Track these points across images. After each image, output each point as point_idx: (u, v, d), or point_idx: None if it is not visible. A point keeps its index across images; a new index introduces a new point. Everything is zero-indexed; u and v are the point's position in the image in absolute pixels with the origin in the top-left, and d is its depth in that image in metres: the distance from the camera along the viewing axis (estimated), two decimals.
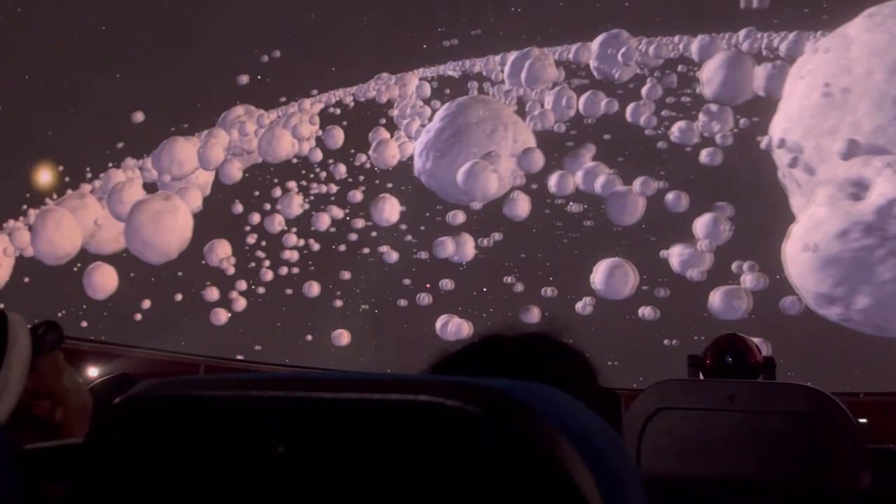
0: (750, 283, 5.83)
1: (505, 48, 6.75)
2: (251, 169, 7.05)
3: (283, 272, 6.85)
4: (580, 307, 6.06)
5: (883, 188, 5.26)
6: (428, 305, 6.50)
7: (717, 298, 5.83)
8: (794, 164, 5.75)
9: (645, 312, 5.98)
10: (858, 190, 5.35)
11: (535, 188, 6.39)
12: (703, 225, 5.92)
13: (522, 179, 6.39)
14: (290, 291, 6.77)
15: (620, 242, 6.16)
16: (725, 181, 6.02)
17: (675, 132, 6.18)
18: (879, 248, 5.24)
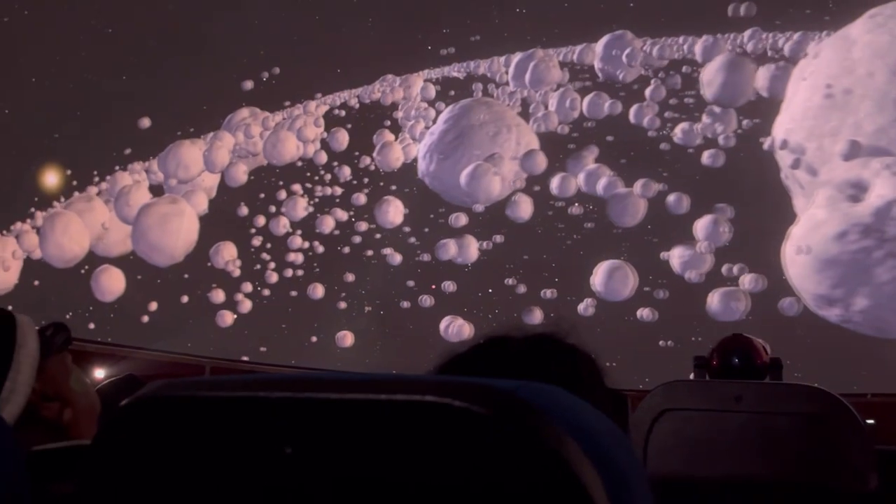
0: (748, 284, 5.83)
1: (510, 49, 6.75)
2: (256, 171, 7.06)
3: (287, 274, 6.87)
4: (582, 308, 6.06)
5: (881, 190, 5.26)
6: (431, 307, 6.51)
7: (715, 300, 5.83)
8: (796, 165, 5.75)
9: (643, 314, 5.99)
10: (857, 192, 5.35)
11: (537, 190, 6.39)
12: (703, 226, 5.92)
13: (522, 182, 6.40)
14: (294, 293, 6.79)
15: (621, 244, 6.16)
16: (728, 182, 6.01)
17: (678, 133, 6.18)
18: (878, 249, 5.24)
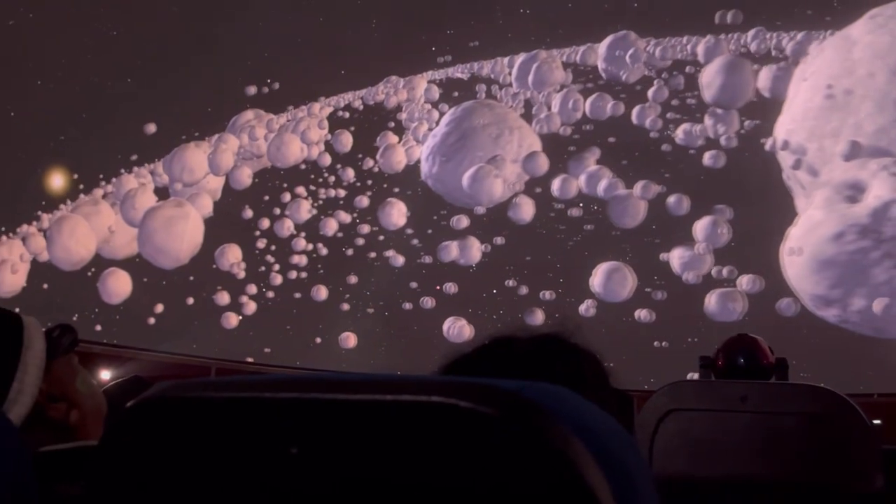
0: (746, 285, 5.84)
1: (513, 50, 6.75)
2: (261, 174, 7.07)
3: (292, 276, 6.88)
4: (583, 309, 6.07)
5: (879, 191, 5.27)
6: (435, 308, 6.52)
7: (712, 301, 5.83)
8: (797, 165, 5.76)
9: (641, 315, 6.00)
10: (855, 192, 5.36)
11: (539, 192, 6.40)
12: (702, 228, 5.93)
13: (522, 186, 6.41)
14: (298, 295, 6.80)
15: (620, 245, 6.17)
16: (729, 183, 6.02)
17: (679, 134, 6.18)
18: (875, 250, 5.25)
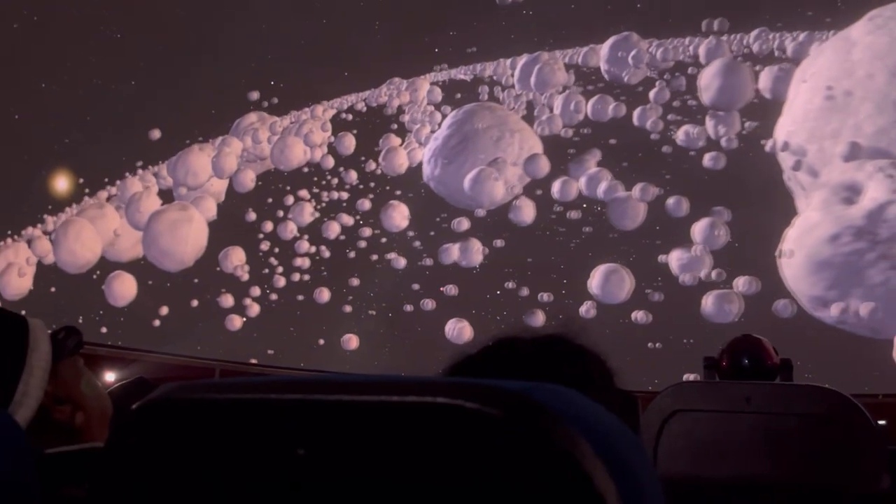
0: (742, 286, 5.85)
1: (516, 52, 6.76)
2: (264, 176, 7.09)
3: (295, 278, 6.90)
4: (583, 311, 6.09)
5: (875, 193, 5.29)
6: (436, 310, 6.53)
7: (709, 302, 5.85)
8: (797, 167, 5.78)
9: (638, 316, 6.02)
10: (851, 194, 5.38)
11: (539, 194, 6.41)
12: (699, 230, 5.96)
13: (521, 188, 6.43)
14: (301, 297, 6.82)
15: (620, 247, 6.19)
16: (730, 185, 6.03)
17: (680, 136, 6.19)
18: (870, 251, 5.27)
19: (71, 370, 1.36)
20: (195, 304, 6.85)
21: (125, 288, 6.76)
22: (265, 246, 6.96)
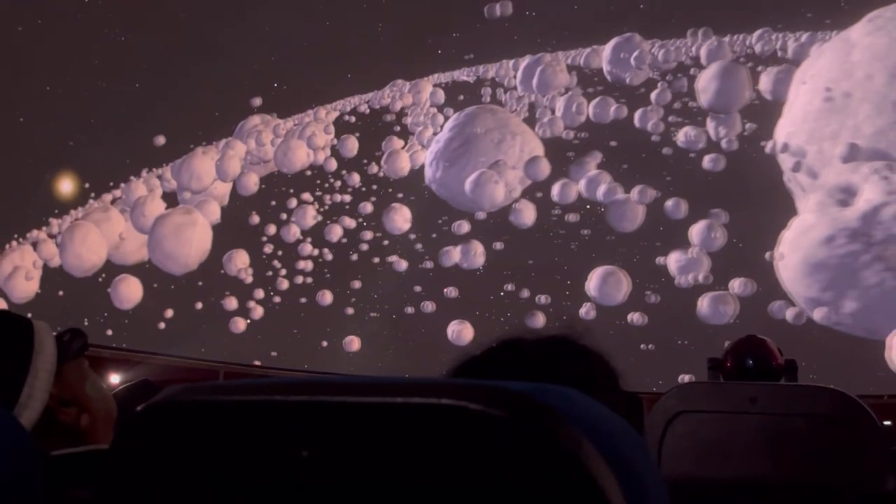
0: (738, 288, 5.85)
1: (519, 53, 6.76)
2: (267, 179, 7.11)
3: (298, 281, 6.91)
4: (583, 312, 6.10)
5: (869, 194, 5.29)
6: (437, 312, 6.54)
7: (704, 304, 5.85)
8: (797, 168, 5.79)
9: (634, 318, 6.03)
10: (847, 196, 5.38)
11: (540, 196, 6.42)
12: (697, 232, 5.96)
13: (519, 191, 6.45)
14: (304, 300, 6.83)
15: (618, 250, 6.20)
16: (730, 186, 6.04)
17: (681, 138, 6.19)
18: (865, 253, 5.28)
19: (76, 372, 1.36)
20: (199, 306, 6.87)
21: (131, 291, 6.79)
22: (268, 249, 6.97)
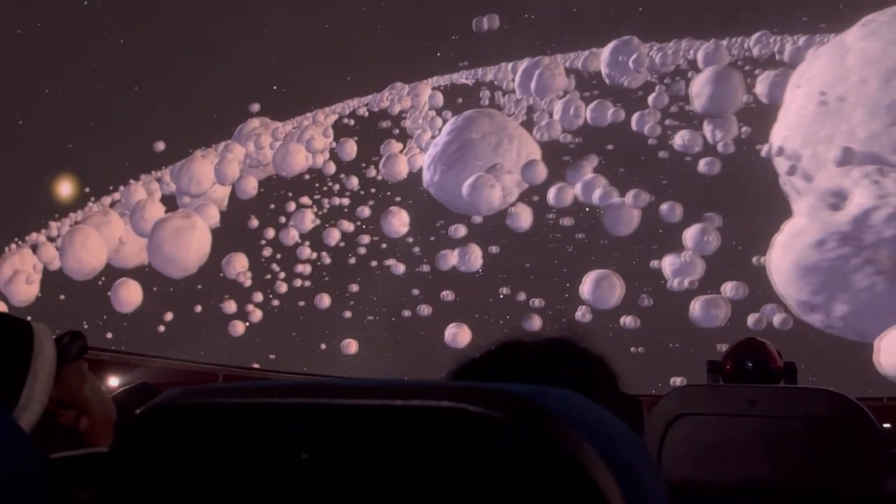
0: (730, 291, 5.87)
1: (518, 55, 6.77)
2: (266, 182, 7.11)
3: (297, 284, 6.91)
4: (578, 315, 6.11)
5: (860, 199, 5.32)
6: (434, 315, 6.55)
7: (696, 307, 5.88)
8: (792, 171, 5.83)
9: (627, 321, 6.04)
10: (838, 200, 5.41)
11: (536, 200, 6.43)
12: (691, 235, 5.98)
13: (515, 195, 6.47)
14: (302, 303, 6.83)
15: (612, 253, 6.22)
16: (726, 189, 6.06)
17: (677, 141, 6.22)
18: (855, 257, 5.31)
19: (75, 375, 1.36)
20: (199, 309, 6.87)
21: (131, 295, 6.80)
22: (267, 252, 6.98)
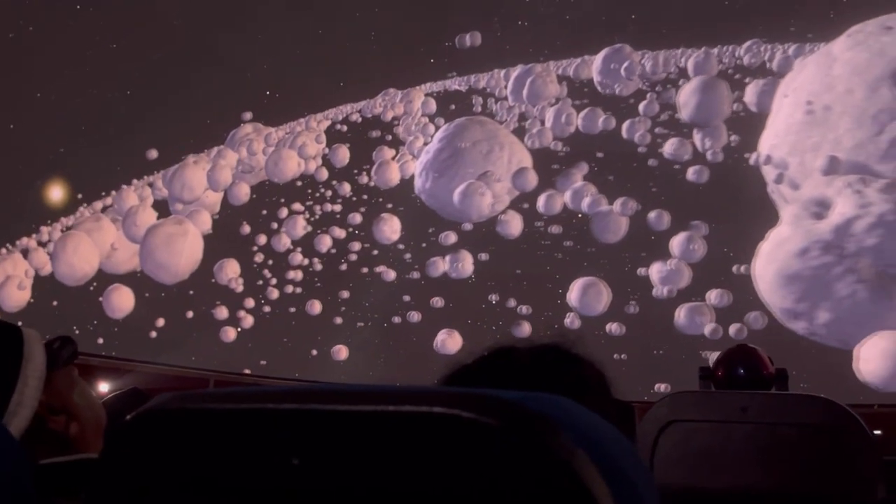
0: (714, 299, 5.92)
1: (511, 62, 6.79)
2: (258, 188, 7.10)
3: (288, 290, 6.91)
4: (567, 322, 6.14)
5: (843, 208, 5.40)
6: (424, 322, 6.55)
7: (681, 315, 5.93)
8: (780, 179, 5.89)
9: (612, 328, 6.08)
10: (821, 209, 5.48)
11: (526, 207, 6.45)
12: (677, 244, 6.03)
13: (504, 203, 6.50)
14: (293, 309, 6.83)
15: (599, 261, 6.26)
16: (716, 198, 6.10)
17: (667, 149, 6.26)
18: (837, 265, 5.39)
19: (65, 380, 1.35)
20: (190, 315, 6.85)
21: (123, 300, 6.78)
22: (259, 258, 6.97)
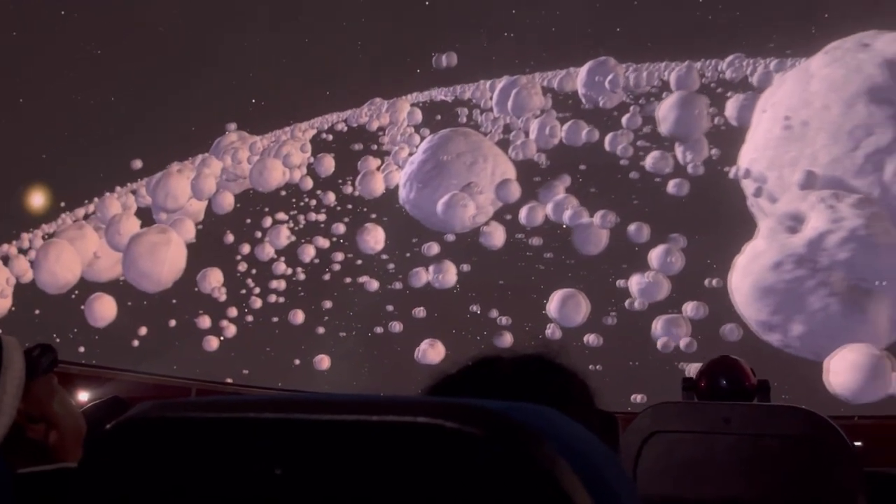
0: (690, 311, 6.02)
1: (497, 74, 6.83)
2: (242, 197, 7.08)
3: (271, 300, 6.88)
4: (549, 332, 6.20)
5: (816, 222, 5.51)
6: (409, 332, 6.56)
7: (658, 326, 6.01)
8: (758, 193, 5.98)
9: (590, 339, 6.13)
10: (795, 223, 5.58)
11: (509, 219, 6.49)
12: (656, 256, 6.12)
13: (487, 214, 6.55)
14: (276, 319, 6.81)
15: (579, 273, 6.32)
16: (696, 210, 6.18)
17: (648, 162, 6.33)
18: (810, 279, 5.48)
19: (45, 388, 1.34)
20: (173, 324, 6.80)
21: (105, 309, 6.74)
22: (242, 267, 6.94)
